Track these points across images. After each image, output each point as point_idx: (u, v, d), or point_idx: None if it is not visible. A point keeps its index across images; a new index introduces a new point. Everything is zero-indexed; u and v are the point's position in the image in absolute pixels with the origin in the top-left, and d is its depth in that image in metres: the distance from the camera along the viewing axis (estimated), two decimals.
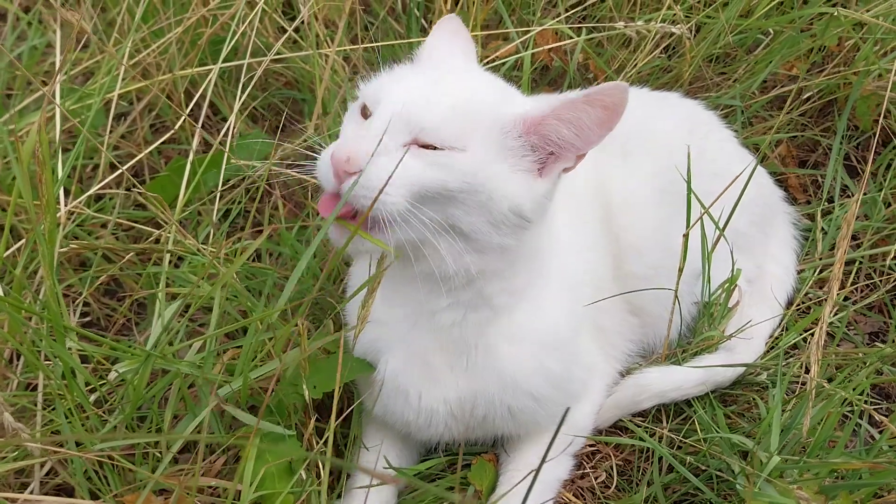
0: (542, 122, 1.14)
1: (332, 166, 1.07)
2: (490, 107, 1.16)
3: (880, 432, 1.46)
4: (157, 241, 1.56)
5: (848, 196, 2.01)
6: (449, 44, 1.30)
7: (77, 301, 1.59)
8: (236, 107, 1.60)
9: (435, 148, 1.09)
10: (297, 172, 1.62)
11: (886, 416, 1.45)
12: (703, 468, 1.38)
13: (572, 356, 1.40)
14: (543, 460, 0.97)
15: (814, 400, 1.32)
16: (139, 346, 1.36)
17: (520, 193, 1.13)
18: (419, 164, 1.08)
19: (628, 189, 1.54)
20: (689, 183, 1.46)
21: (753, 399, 1.52)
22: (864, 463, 1.17)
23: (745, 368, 1.54)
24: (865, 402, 1.51)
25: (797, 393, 1.50)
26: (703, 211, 1.49)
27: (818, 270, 1.82)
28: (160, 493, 1.34)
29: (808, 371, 1.42)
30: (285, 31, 1.90)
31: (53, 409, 1.29)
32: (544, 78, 2.12)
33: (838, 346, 1.74)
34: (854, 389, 1.38)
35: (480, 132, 1.12)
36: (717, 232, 1.52)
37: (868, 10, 1.85)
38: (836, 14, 1.86)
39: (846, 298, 1.80)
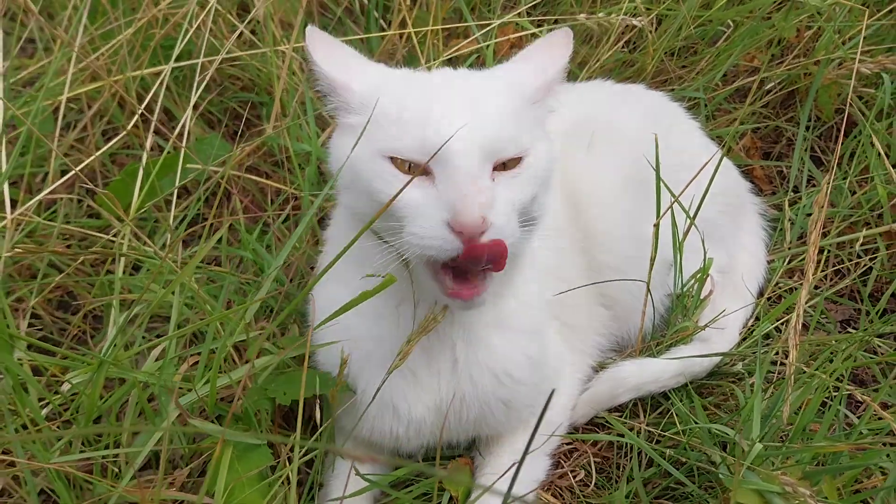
0: (552, 81, 1.18)
1: (460, 232, 0.99)
2: (514, 90, 1.14)
3: (858, 417, 1.44)
4: (107, 246, 1.49)
5: (813, 186, 2.01)
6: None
7: (26, 311, 1.51)
8: (190, 106, 1.55)
9: (504, 165, 1.07)
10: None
11: (861, 403, 1.44)
12: (684, 461, 1.35)
13: (544, 344, 1.37)
14: (527, 451, 0.92)
15: (793, 386, 1.30)
16: (92, 354, 1.29)
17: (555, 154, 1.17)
18: (509, 188, 1.07)
19: (595, 181, 1.51)
20: (657, 173, 1.44)
21: (731, 389, 1.49)
22: (848, 445, 1.15)
23: (720, 358, 1.52)
24: (843, 385, 1.50)
25: (774, 381, 1.48)
26: (672, 200, 1.47)
27: (788, 260, 1.81)
28: None
29: (786, 356, 1.40)
30: (241, 32, 1.86)
31: (2, 427, 1.22)
32: None
33: (812, 334, 1.73)
34: (832, 374, 1.36)
35: (524, 119, 1.12)
36: (688, 222, 1.50)
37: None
38: (793, 1, 1.86)
39: (816, 287, 1.80)
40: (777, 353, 1.54)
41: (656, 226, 1.45)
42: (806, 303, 1.69)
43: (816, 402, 1.29)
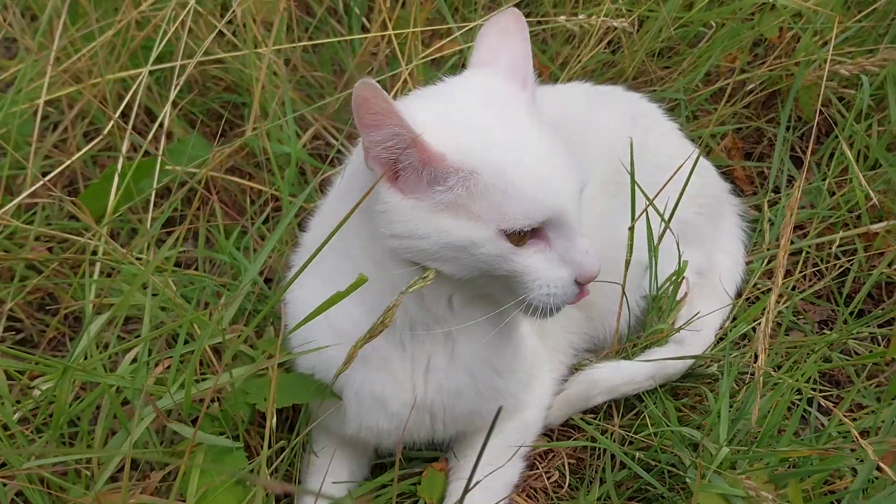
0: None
1: (582, 281, 1.13)
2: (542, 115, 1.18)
3: (830, 420, 1.45)
4: (83, 250, 1.50)
5: (808, 184, 2.01)
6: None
7: (2, 314, 1.52)
8: (167, 107, 1.55)
9: None
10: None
11: (836, 404, 1.45)
12: (655, 463, 1.36)
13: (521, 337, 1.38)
14: (487, 439, 0.93)
15: (762, 389, 1.31)
16: (58, 360, 1.30)
17: None
18: None
19: None
20: (632, 175, 1.45)
21: (704, 391, 1.51)
22: (812, 450, 1.16)
23: (694, 360, 1.53)
24: (814, 389, 1.51)
25: (747, 383, 1.49)
26: (647, 203, 1.48)
27: (766, 261, 1.82)
28: None
29: (756, 360, 1.42)
30: (222, 33, 1.86)
31: None
32: None
33: (787, 335, 1.74)
34: (802, 377, 1.37)
35: None
36: (664, 224, 1.51)
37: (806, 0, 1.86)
38: (773, 3, 1.87)
39: (794, 287, 1.81)
40: (750, 356, 1.55)
41: (631, 229, 1.46)
42: (782, 303, 1.73)
43: (783, 405, 1.30)
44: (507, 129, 1.10)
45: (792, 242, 1.87)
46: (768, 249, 1.84)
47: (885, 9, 1.98)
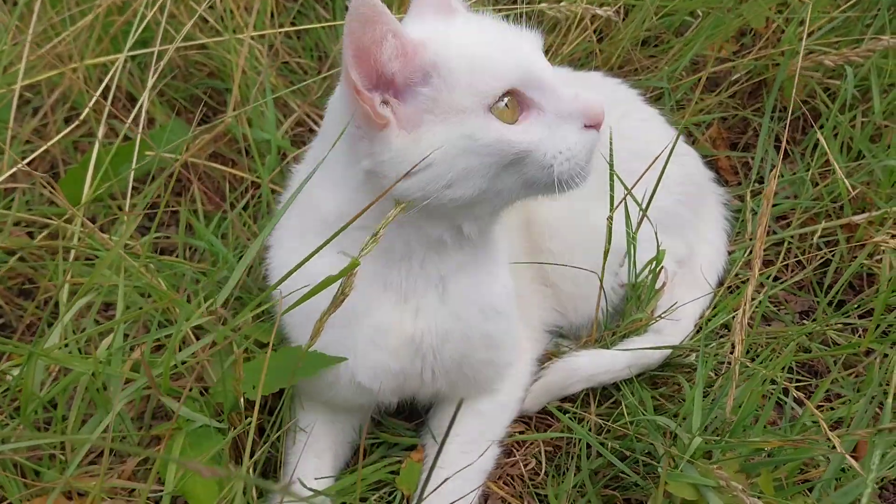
0: None
1: (592, 121, 1.12)
2: None
3: (804, 410, 1.45)
4: (62, 235, 1.49)
5: (780, 176, 2.01)
6: None
7: None
8: (146, 93, 1.54)
9: None
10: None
11: (813, 393, 1.46)
12: (629, 452, 1.37)
13: (514, 320, 1.40)
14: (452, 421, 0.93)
15: (737, 379, 1.31)
16: (24, 345, 1.29)
17: None
18: None
19: None
20: (611, 165, 1.45)
21: (682, 380, 1.51)
22: (781, 441, 1.16)
23: (672, 350, 1.53)
24: (790, 379, 1.51)
25: (724, 373, 1.50)
26: (626, 192, 1.48)
27: (748, 251, 1.82)
28: (68, 497, 1.29)
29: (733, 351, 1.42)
30: (205, 18, 1.85)
31: None
32: None
33: (769, 324, 1.74)
34: (776, 367, 1.37)
35: None
36: (641, 213, 1.51)
37: None
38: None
39: (777, 278, 1.81)
40: (728, 347, 1.55)
41: (609, 219, 1.46)
42: (762, 294, 1.73)
43: (757, 396, 1.30)
44: (458, 25, 1.15)
45: (774, 233, 1.88)
46: (750, 239, 1.84)
47: (868, 2, 1.98)
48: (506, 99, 1.08)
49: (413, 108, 1.08)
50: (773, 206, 1.93)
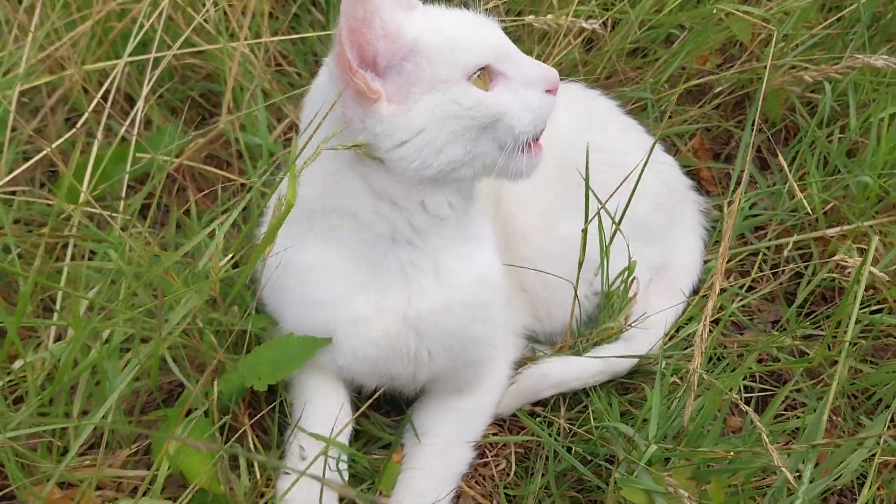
0: None
1: (550, 81, 1.25)
2: None
3: (761, 418, 1.51)
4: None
5: (768, 186, 2.05)
6: None
7: None
8: (141, 99, 1.61)
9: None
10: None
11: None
12: (591, 458, 1.43)
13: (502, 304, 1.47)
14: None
15: (697, 389, 1.37)
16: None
17: None
18: None
19: None
20: (587, 179, 1.49)
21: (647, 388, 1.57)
22: (725, 451, 1.22)
23: (640, 358, 1.59)
24: (751, 388, 1.57)
25: (686, 382, 1.55)
26: (599, 207, 1.53)
27: (725, 260, 1.87)
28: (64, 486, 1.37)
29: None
30: (202, 23, 1.91)
31: None
32: None
33: (741, 333, 1.80)
34: (731, 379, 1.44)
35: None
36: (615, 224, 1.56)
37: (770, 9, 1.89)
38: (725, 14, 1.91)
39: (752, 287, 1.86)
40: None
41: (584, 231, 1.51)
42: (735, 304, 1.78)
43: (712, 406, 1.36)
44: (426, 13, 1.27)
45: (749, 243, 1.93)
46: (728, 249, 1.88)
47: (852, 17, 2.02)
48: (478, 71, 1.20)
49: (399, 83, 1.19)
50: (753, 216, 1.99)
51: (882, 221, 1.86)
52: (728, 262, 1.87)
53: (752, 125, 2.06)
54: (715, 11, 1.90)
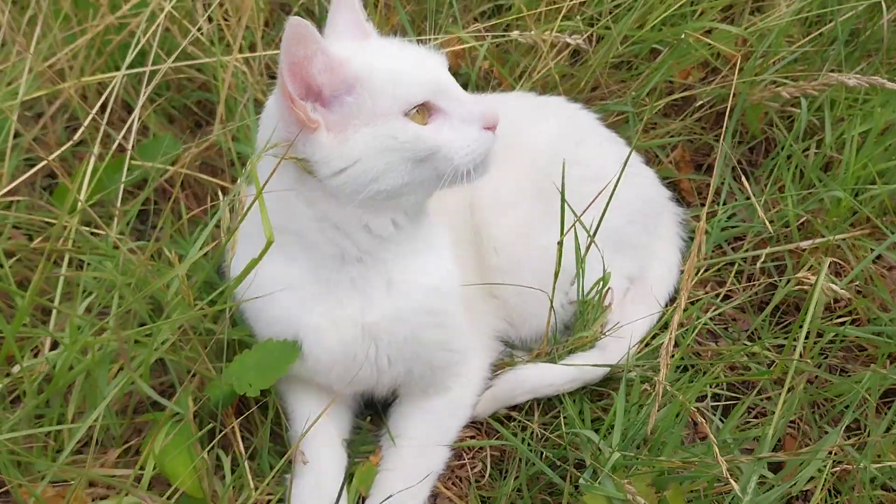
0: None
1: (488, 120, 1.30)
2: None
3: (723, 427, 1.57)
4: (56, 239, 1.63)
5: (745, 198, 2.10)
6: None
7: None
8: (136, 112, 1.67)
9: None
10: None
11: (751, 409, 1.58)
12: (561, 462, 1.50)
13: (460, 305, 1.52)
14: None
15: (661, 399, 1.43)
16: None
17: None
18: None
19: (497, 189, 1.64)
20: (563, 193, 1.55)
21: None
22: (677, 462, 1.29)
23: (611, 367, 1.65)
24: (718, 397, 1.63)
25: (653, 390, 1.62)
26: (575, 219, 1.59)
27: (701, 270, 1.93)
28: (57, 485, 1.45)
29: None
30: (199, 34, 1.97)
31: None
32: None
33: (716, 342, 1.86)
34: (693, 391, 1.50)
35: None
36: (590, 237, 1.62)
37: (748, 27, 1.95)
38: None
39: (727, 296, 1.92)
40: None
41: (560, 244, 1.57)
42: (709, 314, 1.84)
43: (672, 415, 1.42)
44: (375, 46, 1.36)
45: (725, 254, 1.99)
46: (704, 260, 1.95)
47: (831, 34, 2.07)
48: (417, 107, 1.26)
49: (339, 114, 1.26)
50: (732, 227, 2.05)
51: (854, 235, 1.93)
52: (704, 272, 1.94)
53: (731, 138, 2.12)
54: (683, 36, 1.95)
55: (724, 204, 2.08)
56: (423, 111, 1.27)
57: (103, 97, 1.73)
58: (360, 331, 1.42)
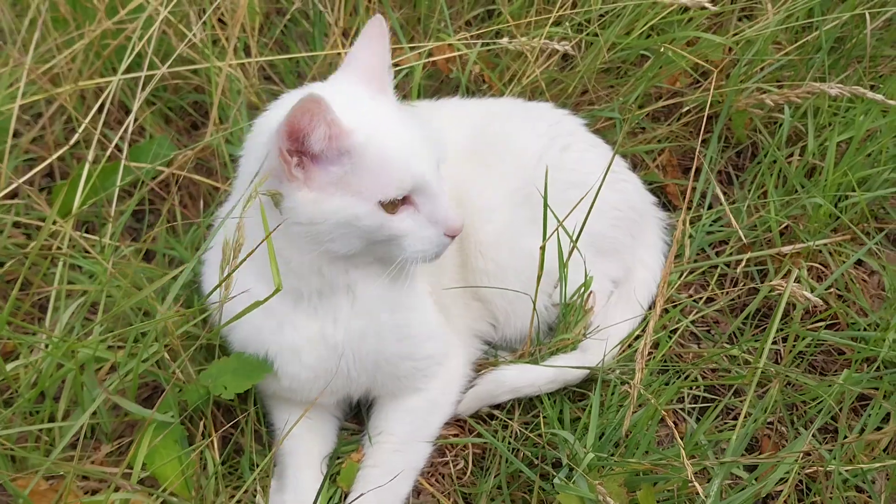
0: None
1: (452, 230, 1.38)
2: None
3: (697, 428, 1.61)
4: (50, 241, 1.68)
5: (729, 203, 2.14)
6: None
7: None
8: (131, 116, 1.72)
9: None
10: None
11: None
12: (538, 461, 1.54)
13: (427, 315, 1.59)
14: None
15: (637, 401, 1.47)
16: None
17: None
18: None
19: (483, 194, 1.69)
20: (545, 198, 1.58)
21: (600, 396, 1.67)
22: (647, 465, 1.33)
23: (591, 369, 1.69)
24: (696, 398, 1.67)
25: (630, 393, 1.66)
26: (557, 224, 1.62)
27: (685, 274, 1.97)
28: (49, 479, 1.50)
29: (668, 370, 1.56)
30: (193, 38, 2.01)
31: None
32: (445, 85, 2.24)
33: (699, 344, 1.90)
34: (665, 394, 1.54)
35: None
36: (573, 242, 1.65)
37: (736, 34, 1.98)
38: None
39: (710, 300, 1.96)
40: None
41: (542, 248, 1.61)
42: (690, 317, 1.88)
43: (646, 419, 1.47)
44: (383, 116, 1.37)
45: (709, 258, 2.03)
46: (687, 263, 1.98)
47: (815, 43, 2.10)
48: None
49: (322, 176, 1.31)
50: (717, 231, 2.08)
51: (835, 240, 1.96)
52: (688, 275, 1.97)
53: (717, 142, 2.15)
54: (663, 50, 1.98)
55: (710, 208, 2.11)
56: (397, 201, 1.33)
57: (101, 100, 1.78)
58: (326, 348, 1.48)
